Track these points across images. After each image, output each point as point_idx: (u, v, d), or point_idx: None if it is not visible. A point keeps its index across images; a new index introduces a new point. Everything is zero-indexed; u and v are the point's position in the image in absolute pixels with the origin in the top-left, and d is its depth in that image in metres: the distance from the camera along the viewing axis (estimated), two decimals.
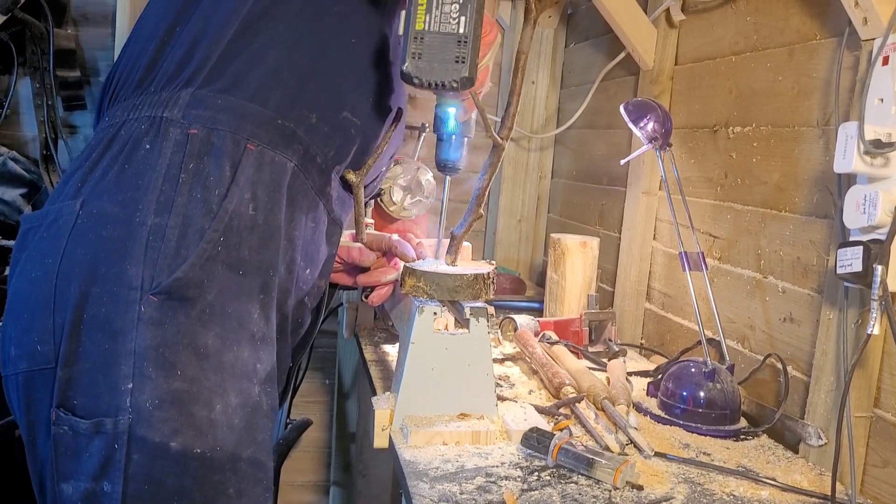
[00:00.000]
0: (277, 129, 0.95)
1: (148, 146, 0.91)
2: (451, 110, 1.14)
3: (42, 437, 0.90)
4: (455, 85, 0.94)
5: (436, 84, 0.94)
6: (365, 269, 1.29)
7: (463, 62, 0.93)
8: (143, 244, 0.87)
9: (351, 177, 1.08)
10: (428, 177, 1.80)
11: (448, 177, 1.24)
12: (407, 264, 1.22)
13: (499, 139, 1.16)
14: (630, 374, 1.48)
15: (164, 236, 0.87)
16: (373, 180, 1.17)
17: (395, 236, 1.25)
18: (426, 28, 0.92)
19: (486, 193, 1.23)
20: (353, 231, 1.19)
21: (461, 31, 0.92)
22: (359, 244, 1.18)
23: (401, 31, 0.95)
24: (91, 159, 0.94)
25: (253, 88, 0.94)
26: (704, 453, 1.17)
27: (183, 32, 0.97)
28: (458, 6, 0.92)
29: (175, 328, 0.87)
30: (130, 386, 0.85)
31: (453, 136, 1.18)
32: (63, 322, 0.87)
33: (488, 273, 1.19)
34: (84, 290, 0.87)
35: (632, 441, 1.16)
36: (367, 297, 1.30)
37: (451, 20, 0.92)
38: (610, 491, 1.01)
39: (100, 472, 0.85)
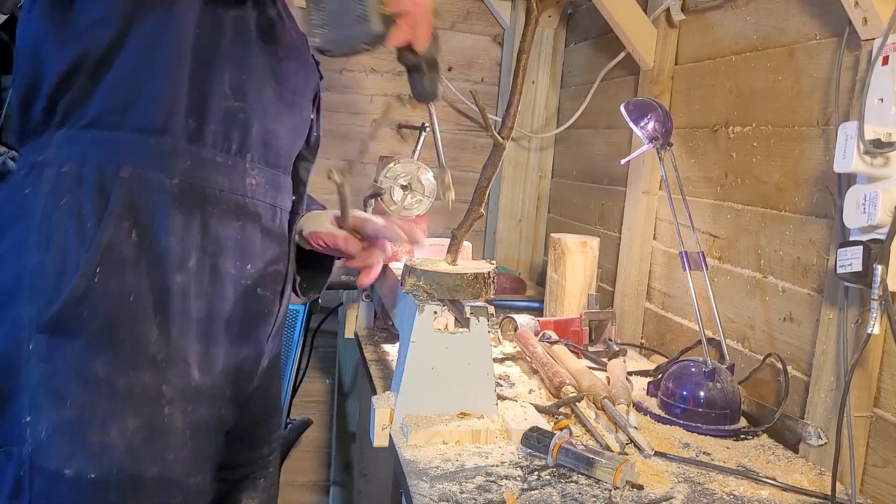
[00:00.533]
0: (151, 149, 0.95)
1: (27, 190, 0.94)
2: None
3: None
4: (366, 46, 0.91)
5: (346, 52, 0.91)
6: None
7: (365, 19, 0.90)
8: (28, 284, 0.91)
9: (335, 177, 1.08)
10: (428, 176, 1.80)
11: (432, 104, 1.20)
12: (407, 263, 1.22)
13: (499, 139, 1.16)
14: (630, 373, 1.49)
15: (43, 273, 0.91)
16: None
17: (381, 220, 1.24)
18: None
19: (487, 192, 1.23)
20: (339, 214, 1.19)
21: None
22: (344, 232, 1.18)
23: (303, 3, 0.93)
24: None
25: (114, 117, 0.94)
26: (704, 453, 1.17)
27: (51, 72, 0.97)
28: None
29: (62, 360, 0.91)
30: (28, 418, 0.90)
31: (423, 63, 1.12)
32: None
33: (488, 272, 1.20)
34: None
35: (632, 440, 1.16)
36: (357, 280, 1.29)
37: None
38: (610, 490, 1.01)
39: (13, 493, 0.90)
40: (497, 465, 1.07)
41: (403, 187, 1.78)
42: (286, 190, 1.12)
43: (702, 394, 1.26)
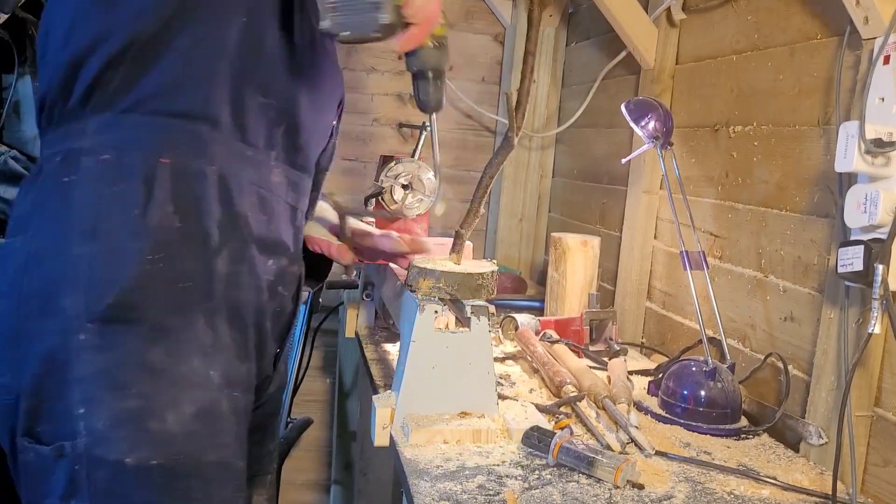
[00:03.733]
0: (189, 136, 0.95)
1: (65, 179, 0.93)
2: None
3: (13, 464, 0.95)
4: (377, 34, 0.90)
5: (355, 38, 0.90)
6: None
7: (378, 8, 0.89)
8: (75, 275, 0.90)
9: (334, 198, 1.09)
10: (429, 175, 1.80)
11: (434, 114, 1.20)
12: (416, 264, 1.21)
13: (515, 140, 1.16)
14: (631, 372, 1.48)
15: (91, 264, 0.90)
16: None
17: (382, 232, 1.24)
18: None
19: (488, 191, 1.23)
20: (336, 221, 1.20)
21: None
22: (338, 243, 1.19)
23: None
24: (28, 198, 0.98)
25: (157, 102, 0.94)
26: (705, 452, 1.17)
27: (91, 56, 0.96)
28: None
29: (122, 350, 0.90)
30: (82, 411, 0.89)
31: (429, 72, 1.12)
32: (23, 356, 0.91)
33: (490, 272, 1.20)
34: (33, 325, 0.91)
35: (633, 440, 1.16)
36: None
37: None
38: (611, 490, 1.01)
39: (68, 493, 0.89)
40: (498, 465, 1.07)
41: (404, 186, 1.78)
42: (305, 193, 1.12)
43: (703, 393, 1.26)
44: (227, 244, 0.97)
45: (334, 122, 1.17)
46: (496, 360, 1.54)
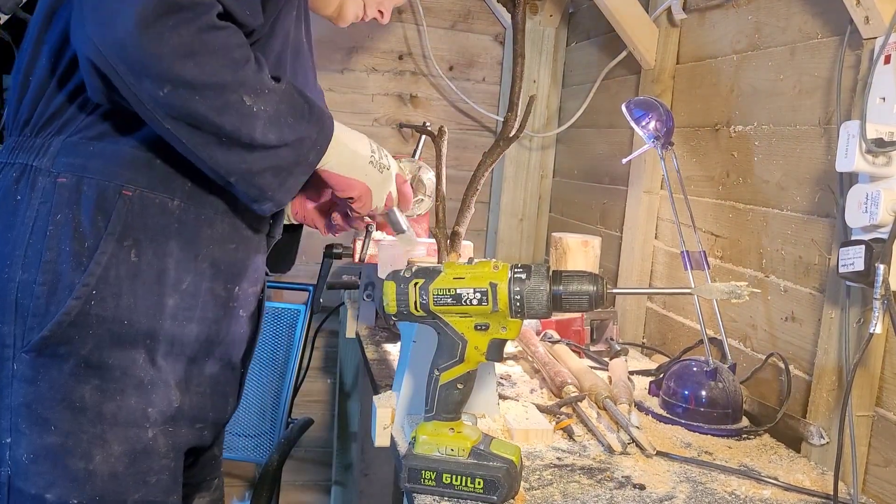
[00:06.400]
0: (156, 169, 0.92)
1: (19, 197, 0.89)
2: None
3: None
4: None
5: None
6: None
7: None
8: (13, 302, 0.87)
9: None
10: (430, 175, 1.80)
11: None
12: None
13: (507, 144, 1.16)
14: (632, 373, 1.48)
15: (32, 293, 0.87)
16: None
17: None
18: None
19: (477, 188, 1.23)
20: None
21: None
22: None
23: None
24: None
25: (126, 131, 0.91)
26: (706, 452, 1.17)
27: (61, 78, 0.92)
28: None
29: (48, 384, 0.88)
30: (9, 440, 0.88)
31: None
32: None
33: None
34: None
35: (633, 440, 1.16)
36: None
37: None
38: (612, 490, 1.01)
39: None
40: None
41: None
42: (280, 217, 1.12)
43: (703, 393, 1.26)
44: (184, 279, 0.94)
45: None
46: None
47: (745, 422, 1.28)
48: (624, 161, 1.73)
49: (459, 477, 0.95)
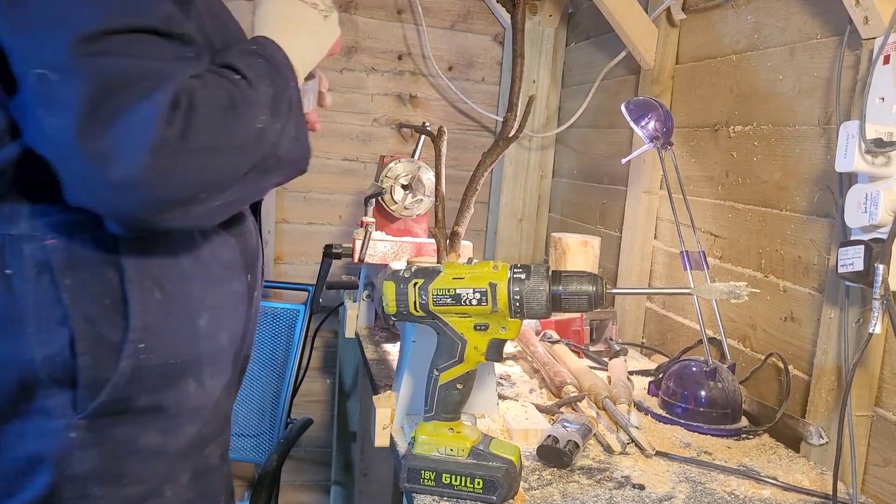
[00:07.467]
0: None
1: (8, 271, 0.80)
2: None
3: None
4: None
5: None
6: None
7: None
8: (48, 379, 0.82)
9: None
10: (429, 175, 1.80)
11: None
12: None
13: (506, 143, 1.16)
14: (631, 373, 1.48)
15: (73, 366, 0.82)
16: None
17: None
18: None
19: (477, 188, 1.23)
20: None
21: None
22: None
23: None
24: None
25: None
26: (705, 452, 1.17)
27: None
28: None
29: (113, 444, 0.86)
30: None
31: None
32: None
33: None
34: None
35: (633, 440, 1.16)
36: None
37: None
38: (612, 490, 1.01)
39: None
40: None
41: (404, 187, 1.78)
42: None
43: (703, 393, 1.26)
44: (207, 293, 0.92)
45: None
46: None
47: (744, 422, 1.28)
48: (623, 161, 1.73)
49: (459, 477, 0.95)
